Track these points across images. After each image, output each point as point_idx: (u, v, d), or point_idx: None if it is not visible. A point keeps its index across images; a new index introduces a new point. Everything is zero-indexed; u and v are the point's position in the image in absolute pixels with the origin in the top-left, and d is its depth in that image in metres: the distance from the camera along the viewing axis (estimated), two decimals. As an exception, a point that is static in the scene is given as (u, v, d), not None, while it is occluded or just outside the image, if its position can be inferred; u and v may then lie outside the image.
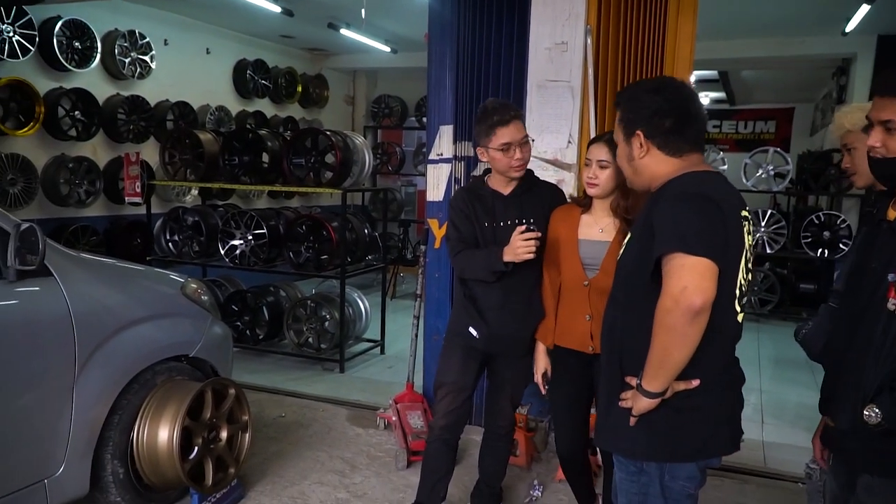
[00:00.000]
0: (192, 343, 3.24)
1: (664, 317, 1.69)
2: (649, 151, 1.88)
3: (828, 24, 7.07)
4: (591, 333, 2.54)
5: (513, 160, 2.66)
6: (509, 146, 2.64)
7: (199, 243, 5.94)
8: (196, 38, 7.82)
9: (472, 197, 2.79)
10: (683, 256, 1.67)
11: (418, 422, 3.90)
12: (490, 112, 2.68)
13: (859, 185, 2.47)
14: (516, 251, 2.50)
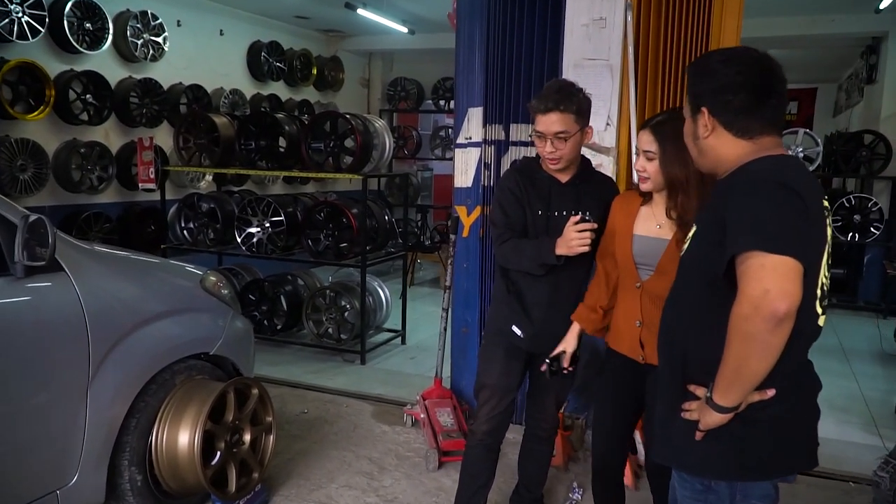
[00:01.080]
0: (213, 340, 3.06)
1: (742, 324, 1.48)
2: (714, 131, 1.68)
3: (860, 2, 6.79)
4: (640, 341, 2.31)
5: (543, 151, 2.47)
6: (541, 136, 2.45)
7: (214, 231, 5.78)
8: (209, 18, 7.61)
9: (525, 180, 2.56)
10: (763, 255, 1.45)
11: (448, 419, 3.73)
12: (538, 95, 2.47)
13: None
14: (570, 244, 2.30)
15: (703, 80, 1.70)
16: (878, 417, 4.46)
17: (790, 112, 12.17)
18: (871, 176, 7.52)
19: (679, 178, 2.16)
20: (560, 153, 2.44)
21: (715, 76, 1.66)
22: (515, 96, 3.83)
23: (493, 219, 2.65)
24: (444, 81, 9.94)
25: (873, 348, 6.12)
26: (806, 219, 1.53)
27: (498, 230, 2.57)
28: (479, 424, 2.71)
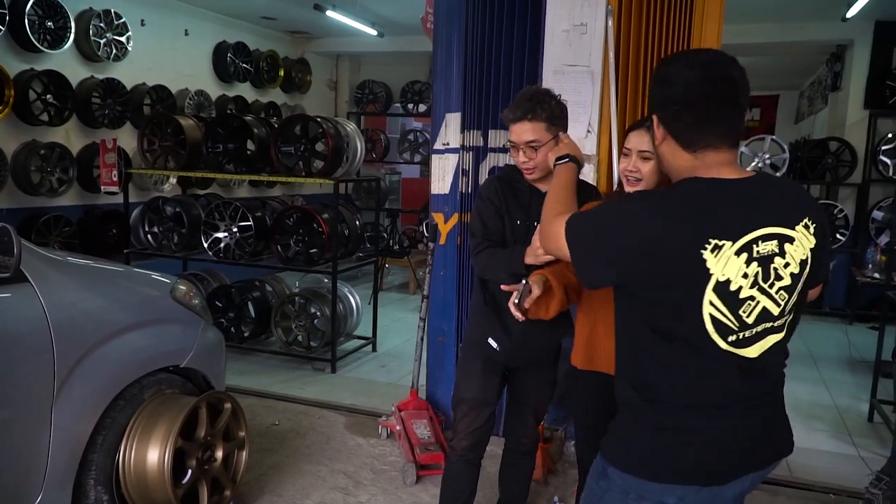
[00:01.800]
0: (184, 352, 2.94)
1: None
2: (665, 140, 1.60)
3: (828, 9, 6.92)
4: None
5: (517, 160, 2.42)
6: (514, 146, 2.40)
7: (179, 235, 5.61)
8: (174, 18, 7.43)
9: (505, 189, 2.50)
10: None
11: (425, 432, 3.65)
12: (511, 103, 2.42)
13: None
14: (536, 252, 2.22)
15: (656, 87, 1.63)
16: (852, 426, 4.49)
17: (753, 118, 12.38)
18: (837, 183, 7.65)
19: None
20: (533, 162, 2.38)
21: (666, 85, 1.58)
22: (494, 102, 3.78)
23: (471, 228, 2.58)
24: (412, 85, 9.87)
25: (842, 354, 6.21)
26: (646, 256, 1.48)
27: (475, 240, 2.51)
28: (460, 440, 2.64)
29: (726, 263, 1.44)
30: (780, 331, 1.55)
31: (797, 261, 1.50)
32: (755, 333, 1.50)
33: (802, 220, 1.51)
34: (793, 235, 1.50)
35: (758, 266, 1.46)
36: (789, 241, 1.49)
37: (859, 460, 3.92)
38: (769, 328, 1.51)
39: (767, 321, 1.50)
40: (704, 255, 1.43)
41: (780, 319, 1.53)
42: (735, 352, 1.50)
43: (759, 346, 1.51)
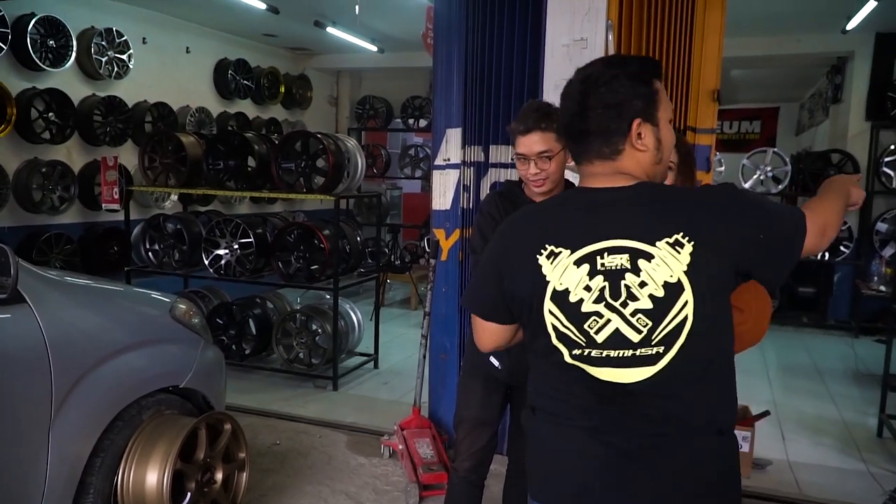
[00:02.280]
0: (183, 372, 2.90)
1: None
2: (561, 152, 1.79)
3: (827, 22, 6.93)
4: None
5: (527, 173, 2.38)
6: (523, 158, 2.37)
7: (180, 252, 5.61)
8: (175, 36, 7.46)
9: (506, 204, 2.48)
10: None
11: (428, 451, 3.61)
12: (518, 116, 2.41)
13: None
14: None
15: None
16: (860, 441, 4.43)
17: (753, 131, 12.37)
18: (839, 195, 7.61)
19: None
20: (545, 174, 2.36)
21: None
22: (495, 117, 3.77)
23: (472, 244, 2.57)
24: (413, 100, 9.89)
25: (848, 368, 6.16)
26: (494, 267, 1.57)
27: (476, 256, 2.49)
28: (462, 460, 2.61)
29: (564, 272, 1.41)
30: (650, 363, 1.38)
31: (658, 282, 1.36)
32: (607, 356, 1.39)
33: (670, 236, 1.37)
34: (650, 252, 1.37)
35: (604, 280, 1.38)
36: (645, 257, 1.37)
37: (869, 476, 3.87)
38: (631, 357, 1.38)
39: (625, 347, 1.38)
40: (540, 261, 1.43)
41: (644, 348, 1.37)
42: (583, 367, 1.42)
43: (618, 373, 1.39)
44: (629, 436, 1.41)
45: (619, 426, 1.41)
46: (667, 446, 1.41)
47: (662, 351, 1.38)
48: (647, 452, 1.41)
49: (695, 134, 3.48)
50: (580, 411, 1.45)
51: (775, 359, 6.45)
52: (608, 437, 1.42)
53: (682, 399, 1.40)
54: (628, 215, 1.41)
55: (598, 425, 1.43)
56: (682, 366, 1.38)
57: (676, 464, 1.41)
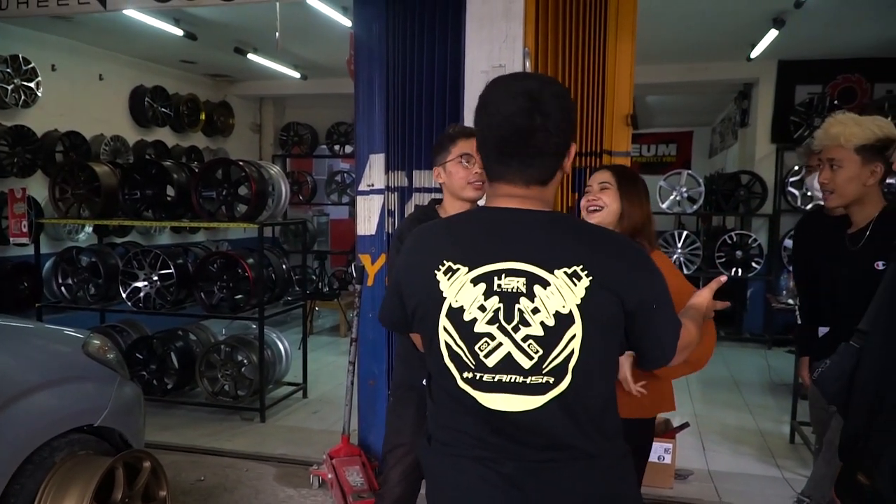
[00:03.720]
0: (98, 410, 2.78)
1: None
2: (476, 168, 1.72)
3: (733, 50, 7.30)
4: None
5: (471, 174, 2.41)
6: (470, 157, 2.41)
7: (96, 286, 5.40)
8: (87, 63, 7.22)
9: None
10: None
11: (358, 479, 3.56)
12: (452, 128, 2.54)
13: (833, 204, 2.44)
14: None
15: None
16: (775, 448, 4.62)
17: (670, 154, 12.87)
18: (750, 214, 7.99)
19: (639, 220, 2.30)
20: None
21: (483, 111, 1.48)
22: (418, 142, 3.80)
23: (390, 270, 2.58)
24: (338, 126, 9.88)
25: (763, 379, 6.41)
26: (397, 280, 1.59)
27: None
28: (392, 487, 2.57)
29: (460, 289, 1.39)
30: (540, 392, 1.37)
31: (550, 311, 1.35)
32: (496, 381, 1.38)
33: (569, 266, 1.36)
34: (547, 279, 1.36)
35: (499, 301, 1.37)
36: (541, 283, 1.36)
37: (784, 482, 4.02)
38: (520, 384, 1.37)
39: (514, 373, 1.37)
40: (438, 277, 1.42)
41: (534, 376, 1.36)
42: (471, 393, 1.40)
43: (504, 400, 1.38)
44: (519, 464, 1.40)
45: (510, 455, 1.40)
46: (555, 472, 1.40)
47: (553, 382, 1.36)
48: (536, 479, 1.40)
49: (610, 157, 3.60)
50: (473, 440, 1.43)
51: (696, 373, 6.64)
52: (500, 467, 1.40)
53: (571, 428, 1.39)
54: (533, 239, 1.40)
55: (490, 455, 1.41)
56: (570, 398, 1.37)
57: (566, 490, 1.40)
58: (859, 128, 2.33)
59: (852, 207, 2.45)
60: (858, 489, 1.68)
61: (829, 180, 2.41)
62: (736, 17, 6.04)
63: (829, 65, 7.75)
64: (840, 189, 2.40)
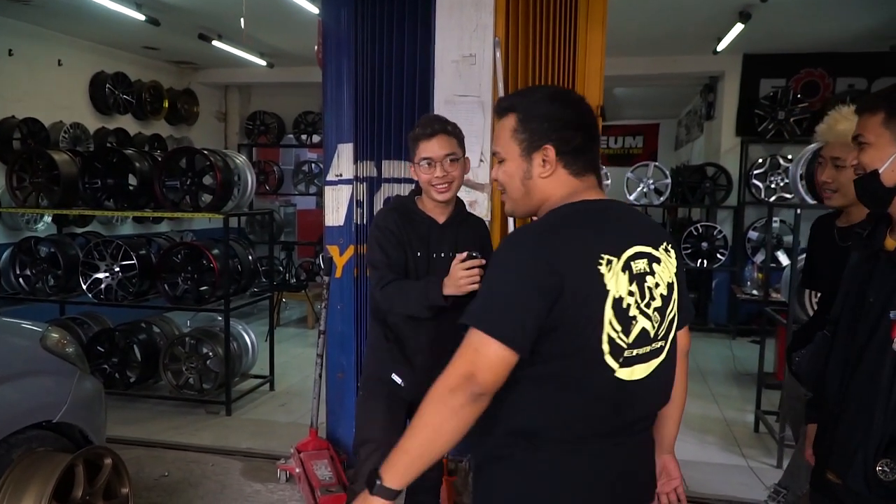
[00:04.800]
0: (57, 405, 2.70)
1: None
2: (555, 171, 1.55)
3: (700, 44, 7.36)
4: None
5: (433, 178, 2.39)
6: (431, 161, 2.39)
7: (55, 277, 5.26)
8: (46, 48, 7.02)
9: (403, 220, 2.47)
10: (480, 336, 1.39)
11: (326, 472, 3.52)
12: (417, 126, 2.47)
13: (835, 203, 2.41)
14: (458, 283, 2.19)
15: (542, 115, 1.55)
16: (740, 437, 4.68)
17: (636, 146, 12.99)
18: (715, 206, 8.08)
19: None
20: (451, 176, 2.41)
21: (557, 113, 1.55)
22: (387, 132, 3.75)
23: (372, 261, 2.50)
24: (305, 115, 9.75)
25: (727, 369, 6.50)
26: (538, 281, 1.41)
27: (379, 272, 2.43)
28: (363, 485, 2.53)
29: (617, 280, 1.42)
30: (656, 356, 1.50)
31: (664, 283, 1.51)
32: (636, 354, 1.46)
33: (663, 242, 1.54)
34: (658, 256, 1.51)
35: (637, 284, 1.46)
36: (656, 260, 1.50)
37: (748, 470, 4.08)
38: (648, 352, 1.48)
39: (646, 343, 1.47)
40: (602, 271, 1.41)
41: (655, 343, 1.49)
42: (618, 375, 1.44)
43: (642, 369, 1.47)
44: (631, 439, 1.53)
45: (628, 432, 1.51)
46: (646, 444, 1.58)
47: (663, 345, 1.52)
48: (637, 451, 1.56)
49: (581, 148, 3.59)
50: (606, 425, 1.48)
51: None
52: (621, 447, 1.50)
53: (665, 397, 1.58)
54: (636, 223, 1.55)
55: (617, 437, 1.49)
56: (669, 359, 1.54)
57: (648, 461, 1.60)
58: None
59: (851, 206, 2.38)
60: (829, 487, 1.69)
61: (833, 179, 2.34)
62: (703, 10, 6.09)
63: (793, 59, 7.86)
64: (843, 189, 2.32)
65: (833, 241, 2.45)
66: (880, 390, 1.50)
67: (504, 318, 1.38)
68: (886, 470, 1.47)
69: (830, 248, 2.44)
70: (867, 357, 1.57)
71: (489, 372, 1.37)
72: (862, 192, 1.65)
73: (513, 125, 1.58)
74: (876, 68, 7.56)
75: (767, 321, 5.16)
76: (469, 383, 1.38)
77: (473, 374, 1.37)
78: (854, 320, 1.65)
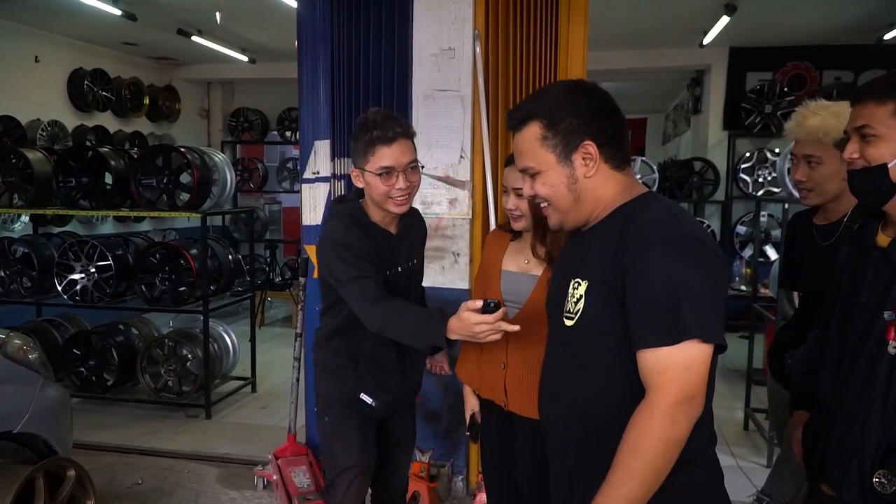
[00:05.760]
0: (17, 415, 2.59)
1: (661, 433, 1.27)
2: (599, 167, 1.44)
3: (686, 37, 7.29)
4: (504, 386, 2.12)
5: (393, 189, 2.11)
6: (391, 171, 2.10)
7: (30, 279, 5.13)
8: (21, 43, 6.85)
9: (363, 235, 2.20)
10: (698, 345, 1.27)
11: (304, 479, 3.42)
12: (370, 125, 2.13)
13: (812, 202, 2.31)
14: (476, 335, 1.79)
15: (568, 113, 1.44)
16: (729, 436, 4.61)
17: (624, 141, 12.93)
18: (703, 200, 8.02)
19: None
20: (412, 186, 2.16)
21: (582, 106, 1.45)
22: (364, 128, 3.64)
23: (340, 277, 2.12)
24: (289, 112, 9.61)
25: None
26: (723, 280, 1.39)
27: (367, 288, 2.07)
28: None
29: None
30: None
31: None
32: None
33: None
34: None
35: None
36: None
37: (738, 470, 4.01)
38: None
39: None
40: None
41: None
42: None
43: None
44: None
45: None
46: None
47: None
48: None
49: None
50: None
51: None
52: None
53: None
54: None
55: None
56: None
57: None
58: (837, 119, 2.10)
59: (829, 202, 2.28)
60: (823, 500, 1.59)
61: (808, 177, 2.24)
62: (688, 3, 6.01)
63: (779, 52, 7.79)
64: (819, 187, 2.23)
65: (812, 239, 2.35)
66: (876, 396, 1.42)
67: (709, 317, 1.29)
68: (884, 482, 1.38)
69: (810, 247, 2.35)
70: (861, 360, 1.48)
71: (702, 385, 1.29)
72: (861, 185, 1.53)
73: (538, 133, 1.47)
74: (863, 61, 7.50)
75: (756, 317, 5.09)
76: (690, 407, 1.27)
77: (693, 397, 1.27)
78: (845, 320, 1.56)
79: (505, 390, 2.13)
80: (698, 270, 1.31)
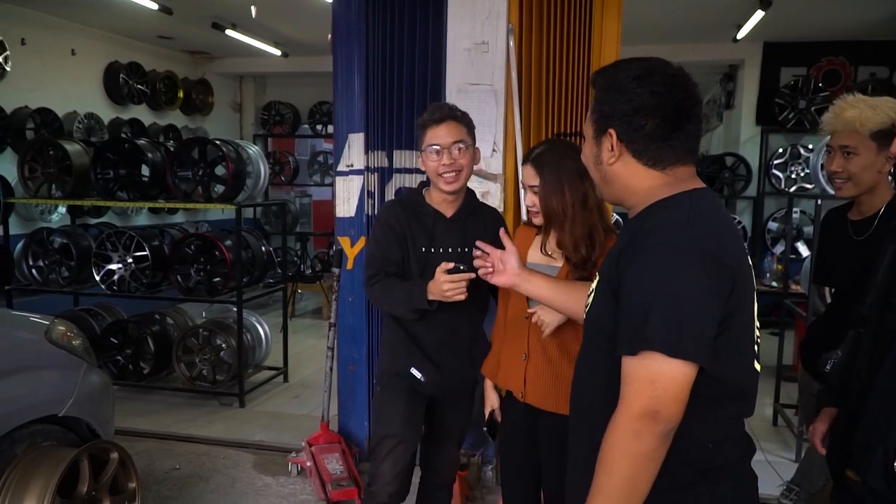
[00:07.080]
0: (62, 399, 2.67)
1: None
2: (622, 157, 1.38)
3: (719, 31, 7.21)
4: (524, 377, 2.16)
5: (440, 165, 2.29)
6: (438, 149, 2.29)
7: (69, 269, 5.25)
8: (59, 37, 7.00)
9: (408, 214, 2.39)
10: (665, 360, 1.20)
11: (337, 466, 3.48)
12: (425, 112, 2.38)
13: (846, 194, 2.31)
14: (443, 293, 2.14)
15: (611, 97, 1.39)
16: (758, 431, 4.59)
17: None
18: (735, 196, 7.94)
19: (555, 211, 2.08)
20: (459, 165, 2.30)
21: (626, 95, 1.36)
22: (398, 122, 3.69)
23: (369, 254, 2.46)
24: (320, 105, 9.69)
25: (746, 361, 6.39)
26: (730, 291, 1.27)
27: (370, 270, 2.39)
28: (383, 485, 2.43)
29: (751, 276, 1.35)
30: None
31: None
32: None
33: None
34: None
35: None
36: None
37: (767, 465, 4.00)
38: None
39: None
40: (751, 263, 1.36)
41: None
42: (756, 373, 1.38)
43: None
44: None
45: None
46: None
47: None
48: None
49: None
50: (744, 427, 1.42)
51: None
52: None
53: None
54: None
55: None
56: None
57: None
58: (874, 111, 2.15)
59: (862, 196, 2.30)
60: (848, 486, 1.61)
61: (843, 168, 2.25)
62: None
63: (814, 47, 7.68)
64: (855, 178, 2.24)
65: (847, 234, 2.36)
66: None
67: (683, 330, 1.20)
68: None
69: (844, 242, 2.36)
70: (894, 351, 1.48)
71: (674, 402, 1.20)
72: None
73: (593, 102, 1.45)
74: (899, 57, 7.38)
75: (787, 313, 5.05)
76: (653, 422, 1.20)
77: (656, 412, 1.19)
78: (882, 313, 1.56)
79: (524, 381, 2.17)
80: (686, 281, 1.22)
